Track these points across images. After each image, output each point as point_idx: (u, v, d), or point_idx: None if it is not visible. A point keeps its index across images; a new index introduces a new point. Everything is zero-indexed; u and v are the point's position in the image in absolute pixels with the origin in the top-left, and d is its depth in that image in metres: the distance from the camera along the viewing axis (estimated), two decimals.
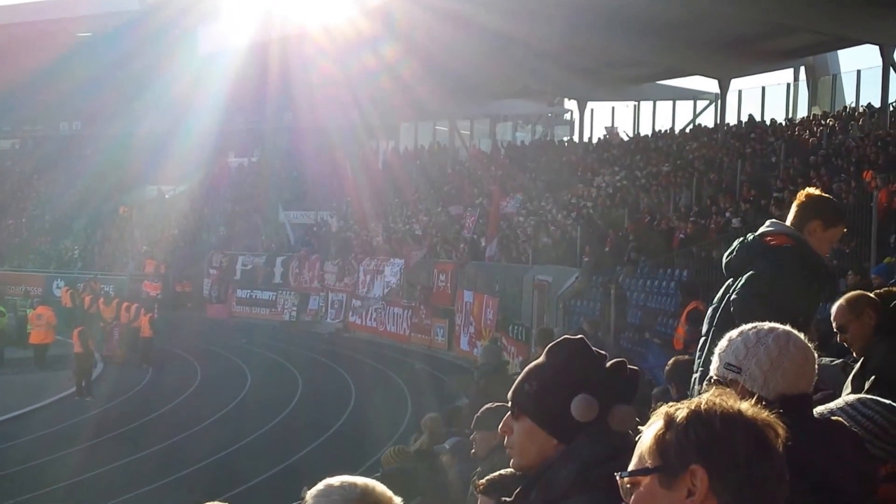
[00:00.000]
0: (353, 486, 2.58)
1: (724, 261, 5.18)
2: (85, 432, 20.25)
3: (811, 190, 5.12)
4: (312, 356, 31.78)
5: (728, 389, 2.10)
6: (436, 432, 10.19)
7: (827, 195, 5.13)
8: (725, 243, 21.74)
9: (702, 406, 1.95)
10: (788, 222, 5.01)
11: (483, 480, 3.45)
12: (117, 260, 50.20)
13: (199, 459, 17.68)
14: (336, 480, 2.60)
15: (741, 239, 5.14)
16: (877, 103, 30.65)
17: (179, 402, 23.88)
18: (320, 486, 2.60)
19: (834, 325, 5.29)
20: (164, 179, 55.55)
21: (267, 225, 48.50)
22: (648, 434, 1.99)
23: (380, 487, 2.59)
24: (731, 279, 5.10)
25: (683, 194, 28.77)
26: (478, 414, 6.50)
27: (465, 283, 31.74)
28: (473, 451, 6.44)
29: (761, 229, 5.13)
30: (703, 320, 5.32)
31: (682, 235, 24.30)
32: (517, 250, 31.90)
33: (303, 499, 2.58)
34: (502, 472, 3.50)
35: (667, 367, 6.90)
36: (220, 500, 5.11)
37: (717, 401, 1.96)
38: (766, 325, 2.99)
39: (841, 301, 5.39)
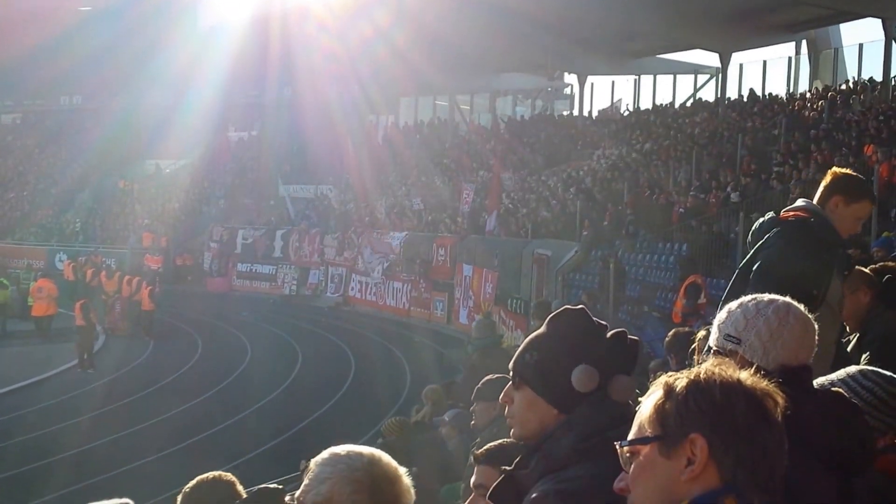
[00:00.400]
0: (360, 455, 2.58)
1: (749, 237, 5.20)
2: (87, 404, 20.33)
3: (837, 168, 5.15)
4: (312, 329, 31.83)
5: (727, 359, 2.10)
6: (437, 404, 10.21)
7: (852, 173, 5.10)
8: (725, 217, 21.80)
9: (701, 375, 1.95)
10: (815, 200, 5.00)
11: (481, 450, 3.46)
12: (118, 234, 50.21)
13: (200, 431, 17.75)
14: (342, 449, 2.60)
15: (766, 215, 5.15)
16: (878, 77, 30.55)
17: (180, 375, 23.95)
18: (325, 454, 2.60)
19: None
20: (164, 153, 55.50)
21: (267, 199, 48.45)
22: (648, 403, 2.00)
23: (386, 458, 2.59)
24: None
25: (683, 168, 28.72)
26: (478, 385, 6.49)
27: (464, 258, 31.74)
28: (473, 422, 6.45)
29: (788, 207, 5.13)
30: (702, 294, 5.34)
31: (681, 210, 24.27)
32: (516, 224, 31.88)
33: (302, 471, 2.59)
34: (501, 441, 3.51)
35: (666, 339, 6.91)
36: (222, 471, 5.14)
37: (717, 370, 1.96)
38: (766, 296, 2.99)
39: None
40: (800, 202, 5.02)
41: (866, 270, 5.55)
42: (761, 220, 5.06)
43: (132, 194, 53.65)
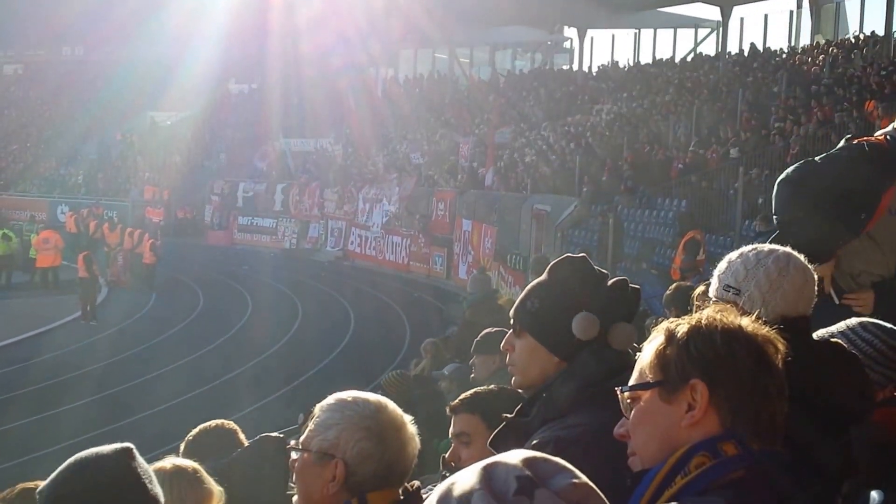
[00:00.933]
0: (367, 402, 2.57)
1: None
2: (91, 356, 20.39)
3: None
4: (312, 284, 31.86)
5: (728, 306, 2.09)
6: (436, 357, 10.23)
7: None
8: (724, 173, 21.74)
9: (703, 321, 1.95)
10: None
11: (458, 399, 3.42)
12: (120, 186, 50.15)
13: (203, 383, 17.82)
14: (348, 395, 2.59)
15: None
16: (881, 32, 30.34)
17: (182, 328, 24.01)
18: (331, 400, 2.59)
19: None
20: (165, 106, 55.28)
21: (267, 152, 48.32)
22: (649, 349, 1.99)
23: (392, 405, 2.59)
24: None
25: (683, 123, 28.61)
26: (477, 338, 6.50)
27: (463, 212, 31.70)
28: (473, 375, 6.46)
29: None
30: (700, 250, 5.27)
31: (680, 165, 24.21)
32: (516, 179, 31.81)
33: (301, 424, 2.59)
34: (476, 389, 3.50)
35: (666, 292, 6.89)
36: (224, 419, 5.17)
37: (718, 316, 1.95)
38: (766, 246, 2.98)
39: None
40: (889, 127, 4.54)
41: None
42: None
43: (134, 147, 53.52)
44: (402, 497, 2.50)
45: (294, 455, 2.58)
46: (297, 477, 2.56)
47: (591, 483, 1.20)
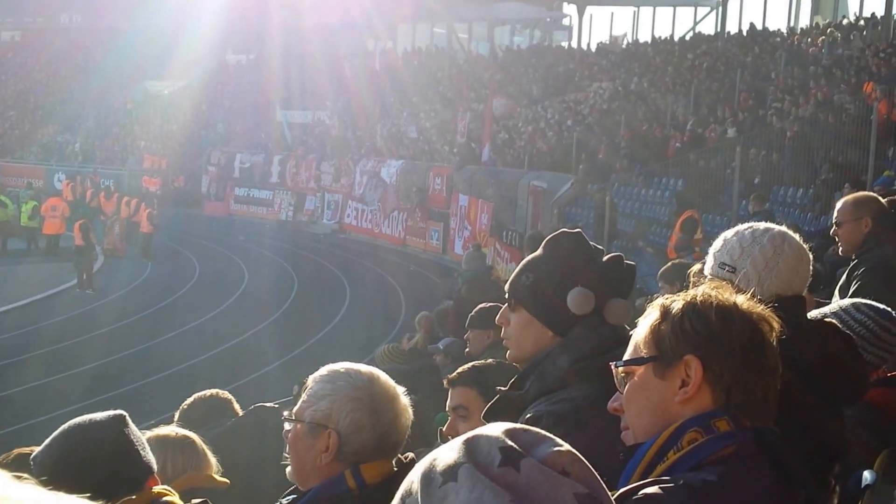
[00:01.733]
0: (359, 372, 2.57)
1: None
2: (87, 324, 20.41)
3: None
4: (308, 256, 31.87)
5: (724, 283, 2.09)
6: (430, 332, 10.23)
7: None
8: (721, 153, 21.72)
9: (698, 298, 1.95)
10: None
11: (455, 372, 3.44)
12: (117, 155, 50.05)
13: (198, 353, 17.85)
14: (340, 366, 2.59)
15: None
16: (880, 13, 30.25)
17: (178, 297, 24.03)
18: (323, 371, 2.59)
19: (833, 216, 5.28)
20: (163, 75, 55.08)
21: (265, 123, 48.21)
22: (644, 324, 2.00)
23: (384, 376, 2.59)
24: None
25: (681, 102, 28.57)
26: (472, 313, 6.50)
27: (460, 187, 31.67)
28: (468, 349, 6.46)
29: None
30: (698, 229, 5.27)
31: (677, 144, 24.20)
32: (513, 155, 31.77)
33: (295, 395, 2.58)
34: (476, 363, 3.51)
35: (663, 268, 6.87)
36: (220, 389, 5.17)
37: (713, 293, 1.96)
38: (762, 224, 2.98)
39: (848, 197, 5.36)
40: None
41: (879, 200, 5.43)
42: None
43: (131, 116, 53.37)
44: (395, 469, 2.51)
45: (287, 426, 2.58)
46: (291, 448, 2.57)
47: (573, 450, 1.20)
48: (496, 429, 1.23)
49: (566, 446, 1.20)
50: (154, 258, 29.57)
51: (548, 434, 1.22)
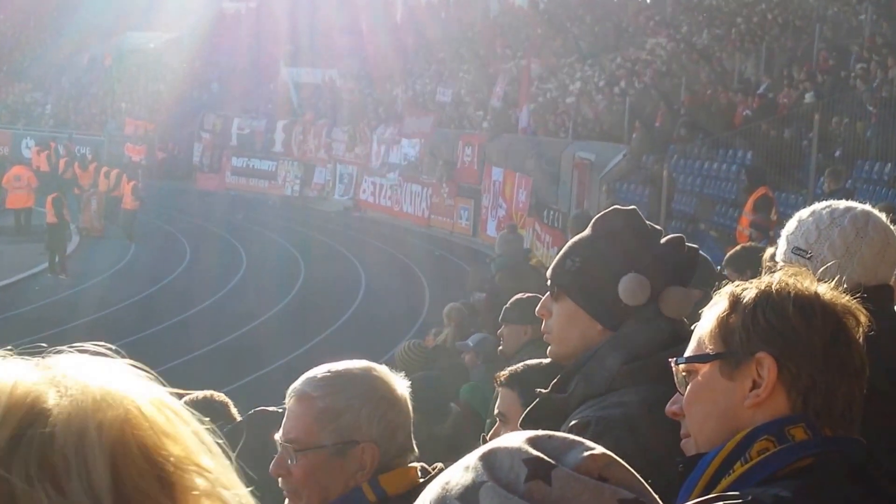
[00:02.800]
0: (357, 370, 2.59)
1: None
2: (58, 315, 20.49)
3: None
4: (318, 237, 31.94)
5: (802, 269, 2.09)
6: (460, 325, 10.23)
7: None
8: (797, 121, 21.60)
9: (773, 286, 1.94)
10: None
11: (504, 371, 3.46)
12: (94, 118, 50.21)
13: (189, 350, 17.90)
14: (325, 372, 2.59)
15: None
16: None
17: (165, 285, 24.13)
18: (309, 387, 2.60)
19: None
20: (149, 26, 55.16)
21: (267, 83, 48.28)
22: (710, 316, 2.00)
23: (375, 365, 2.60)
24: None
25: (751, 63, 28.40)
26: (507, 305, 6.50)
27: (494, 159, 31.61)
28: (501, 347, 6.47)
29: None
30: (773, 209, 5.24)
31: (746, 112, 24.07)
32: (555, 122, 31.69)
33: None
34: (528, 362, 3.52)
35: (730, 253, 6.85)
36: (215, 391, 5.21)
37: (791, 281, 1.95)
38: (843, 203, 2.97)
39: None
40: None
41: None
42: None
43: (111, 73, 53.48)
44: (421, 479, 2.49)
45: (294, 460, 2.53)
46: (307, 480, 2.52)
47: (607, 451, 1.20)
48: (516, 439, 1.21)
49: (599, 448, 1.20)
50: (137, 239, 29.67)
51: (576, 437, 1.22)
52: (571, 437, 1.22)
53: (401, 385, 2.57)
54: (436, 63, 42.55)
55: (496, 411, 3.38)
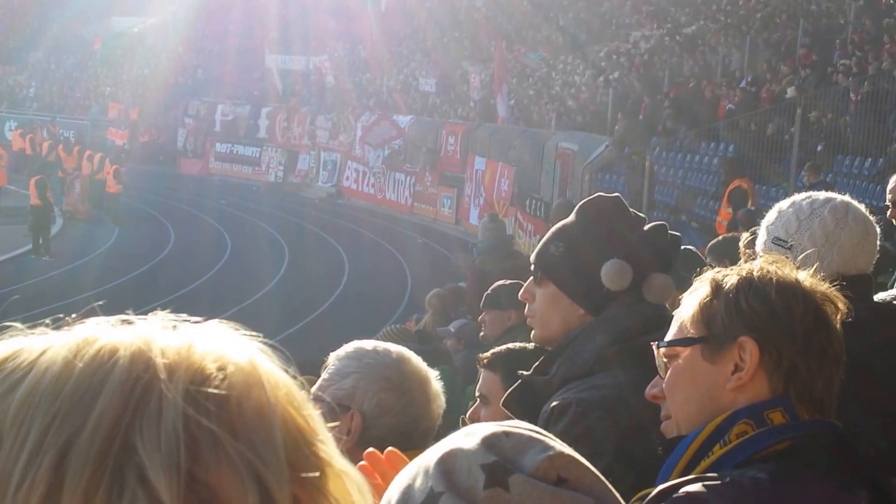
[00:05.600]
0: (388, 351, 2.62)
1: None
2: (42, 296, 20.41)
3: None
4: (301, 224, 31.88)
5: (782, 257, 2.10)
6: (439, 312, 10.23)
7: None
8: (779, 115, 21.64)
9: (755, 273, 1.96)
10: None
11: (486, 354, 3.48)
12: (78, 102, 49.97)
13: None
14: (368, 344, 2.65)
15: None
16: None
17: (149, 268, 24.06)
18: (348, 348, 2.64)
19: (888, 196, 5.29)
20: (134, 10, 54.87)
21: (252, 70, 48.09)
22: (692, 301, 2.01)
23: (416, 357, 2.63)
24: None
25: (735, 57, 28.43)
26: (488, 291, 6.50)
27: (477, 148, 31.59)
28: (483, 333, 6.47)
29: None
30: (748, 201, 5.26)
31: (729, 105, 24.11)
32: (538, 113, 31.65)
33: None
34: (510, 345, 3.54)
35: (712, 242, 6.88)
36: None
37: (772, 268, 1.97)
38: (823, 194, 2.99)
39: None
40: None
41: None
42: None
43: (96, 57, 53.20)
44: None
45: None
46: None
47: (566, 449, 1.19)
48: (473, 438, 1.18)
49: (557, 447, 1.18)
50: (121, 222, 29.57)
51: (534, 434, 1.20)
52: (529, 433, 1.19)
53: (419, 379, 2.60)
54: (420, 52, 42.44)
55: (477, 393, 3.40)
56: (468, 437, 1.20)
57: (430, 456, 1.21)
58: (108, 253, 25.96)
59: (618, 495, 1.20)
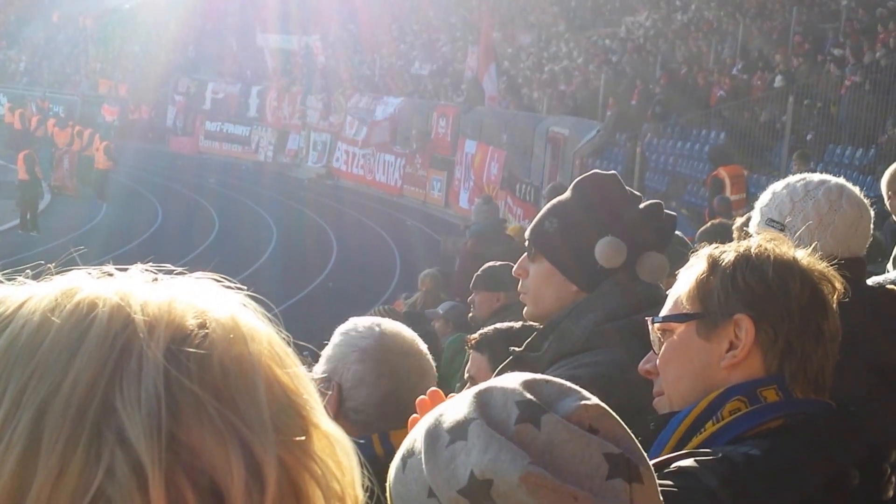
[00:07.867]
0: (374, 324, 2.66)
1: None
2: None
3: None
4: (290, 203, 31.83)
5: (781, 235, 2.10)
6: (430, 292, 10.23)
7: None
8: (770, 103, 21.64)
9: (752, 250, 1.95)
10: None
11: (475, 334, 3.48)
12: (69, 78, 49.79)
13: None
14: (361, 319, 2.69)
15: None
16: None
17: (137, 245, 24.00)
18: (346, 323, 2.68)
19: (885, 188, 5.30)
20: None
21: (243, 48, 47.94)
22: (688, 277, 2.00)
23: (406, 331, 2.65)
24: None
25: (727, 44, 28.42)
26: (479, 272, 6.49)
27: (467, 131, 31.54)
28: (472, 314, 6.47)
29: None
30: (725, 189, 5.25)
31: (721, 92, 24.12)
32: (529, 97, 31.62)
33: None
34: (499, 325, 3.53)
35: (702, 228, 6.89)
36: None
37: (770, 246, 1.96)
38: (817, 176, 2.99)
39: None
40: None
41: None
42: None
43: (86, 33, 53.01)
44: None
45: None
46: None
47: (602, 403, 1.21)
48: (513, 380, 1.22)
49: (594, 399, 1.21)
50: (109, 199, 29.50)
51: (573, 386, 1.23)
52: (568, 384, 1.23)
53: (400, 352, 2.62)
54: (412, 34, 42.33)
55: (466, 374, 3.40)
56: (509, 378, 1.23)
57: (469, 391, 1.24)
58: (96, 229, 25.92)
59: (645, 455, 1.23)
